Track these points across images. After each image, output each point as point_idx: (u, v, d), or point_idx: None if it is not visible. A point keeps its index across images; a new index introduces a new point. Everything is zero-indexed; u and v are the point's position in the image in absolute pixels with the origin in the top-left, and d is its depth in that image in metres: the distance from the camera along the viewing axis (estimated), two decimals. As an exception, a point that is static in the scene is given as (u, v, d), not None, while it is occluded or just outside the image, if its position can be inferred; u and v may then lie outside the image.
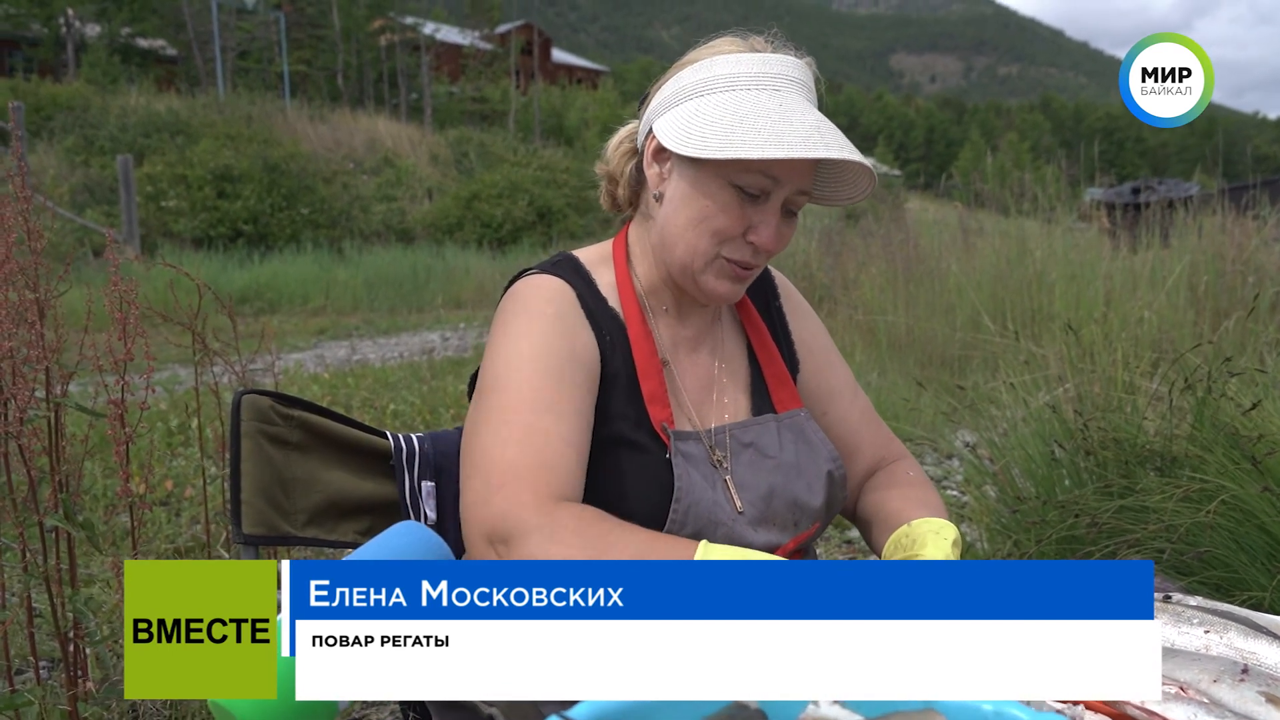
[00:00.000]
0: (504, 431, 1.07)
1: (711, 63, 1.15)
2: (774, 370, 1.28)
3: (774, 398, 1.27)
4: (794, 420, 1.25)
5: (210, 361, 2.19)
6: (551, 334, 1.13)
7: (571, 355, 1.12)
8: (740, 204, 1.12)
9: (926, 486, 1.27)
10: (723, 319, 1.30)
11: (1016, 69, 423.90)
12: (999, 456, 2.82)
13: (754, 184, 1.10)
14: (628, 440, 1.15)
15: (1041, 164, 12.63)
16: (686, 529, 1.11)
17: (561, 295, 1.17)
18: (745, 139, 1.06)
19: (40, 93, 20.34)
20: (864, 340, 6.43)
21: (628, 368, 1.18)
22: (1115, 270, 5.13)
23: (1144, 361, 3.23)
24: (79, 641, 1.85)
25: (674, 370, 1.23)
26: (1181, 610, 1.05)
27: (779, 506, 1.18)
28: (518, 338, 1.13)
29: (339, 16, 38.92)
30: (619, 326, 1.20)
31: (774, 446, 1.22)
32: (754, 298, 1.34)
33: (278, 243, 16.78)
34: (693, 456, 1.16)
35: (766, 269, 1.37)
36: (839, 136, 1.08)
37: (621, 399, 1.17)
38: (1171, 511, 2.03)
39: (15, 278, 1.69)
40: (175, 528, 3.52)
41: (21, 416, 1.67)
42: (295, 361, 7.66)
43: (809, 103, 1.13)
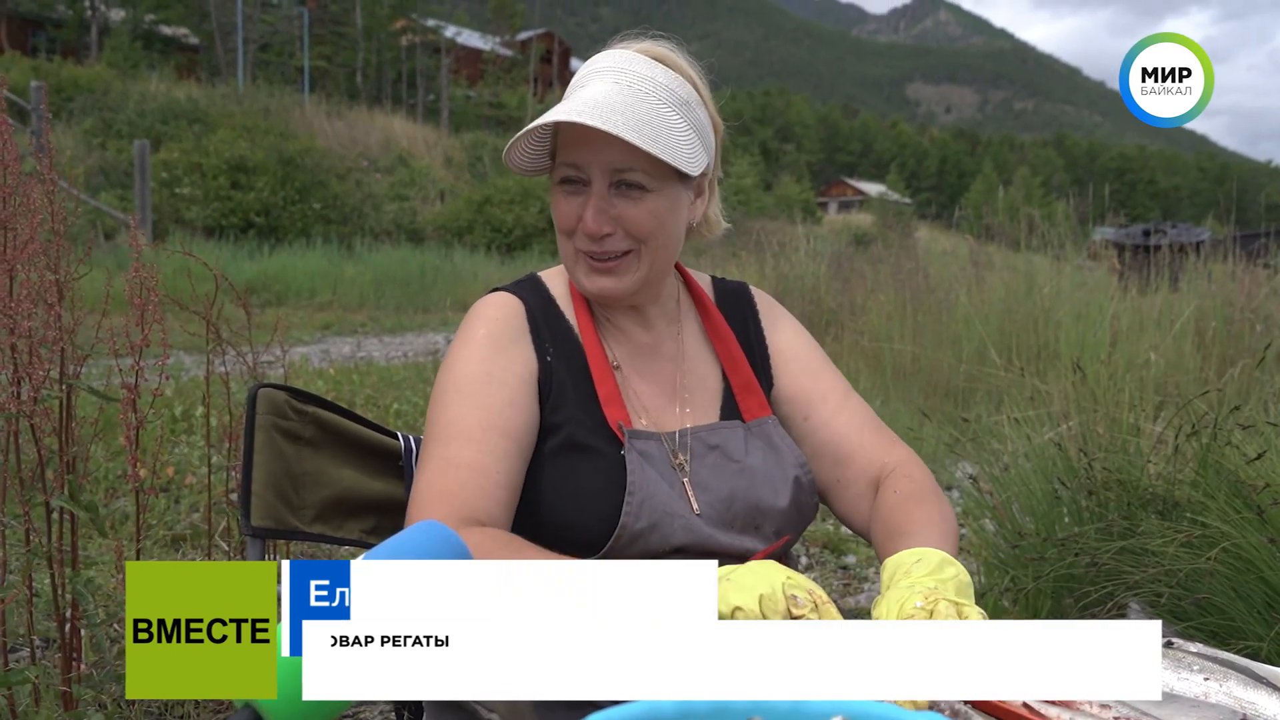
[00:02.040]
0: (425, 464, 1.14)
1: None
2: (741, 380, 1.29)
3: (741, 406, 1.27)
4: (761, 428, 1.26)
5: (222, 351, 2.20)
6: (474, 359, 1.18)
7: (490, 378, 1.17)
8: (567, 197, 1.18)
9: (922, 499, 1.19)
10: (687, 331, 1.32)
11: (1032, 104, 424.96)
12: (1000, 490, 2.82)
13: (564, 174, 1.17)
14: (580, 445, 1.17)
15: (1053, 200, 12.67)
16: (641, 522, 1.12)
17: (500, 314, 1.22)
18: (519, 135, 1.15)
19: (62, 74, 20.44)
20: (869, 367, 6.43)
21: (579, 375, 1.21)
22: (1123, 311, 5.13)
23: (1148, 404, 3.24)
24: (76, 622, 1.85)
25: (630, 375, 1.25)
26: (1182, 656, 1.05)
27: (739, 510, 1.19)
28: (450, 364, 1.20)
29: (362, 15, 39.12)
30: (571, 337, 1.24)
31: (739, 451, 1.22)
32: (731, 314, 1.35)
33: (288, 236, 16.82)
34: (650, 455, 1.17)
35: (747, 287, 1.40)
36: (593, 106, 1.11)
37: (572, 405, 1.19)
38: (1172, 556, 2.03)
39: (37, 258, 1.71)
40: (174, 515, 3.52)
41: (35, 396, 1.68)
42: (301, 355, 7.67)
43: (611, 84, 1.16)
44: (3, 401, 1.67)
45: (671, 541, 1.14)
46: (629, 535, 1.12)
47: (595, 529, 1.13)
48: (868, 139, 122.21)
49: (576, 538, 1.14)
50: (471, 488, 1.10)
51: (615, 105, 1.12)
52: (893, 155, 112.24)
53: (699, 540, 1.15)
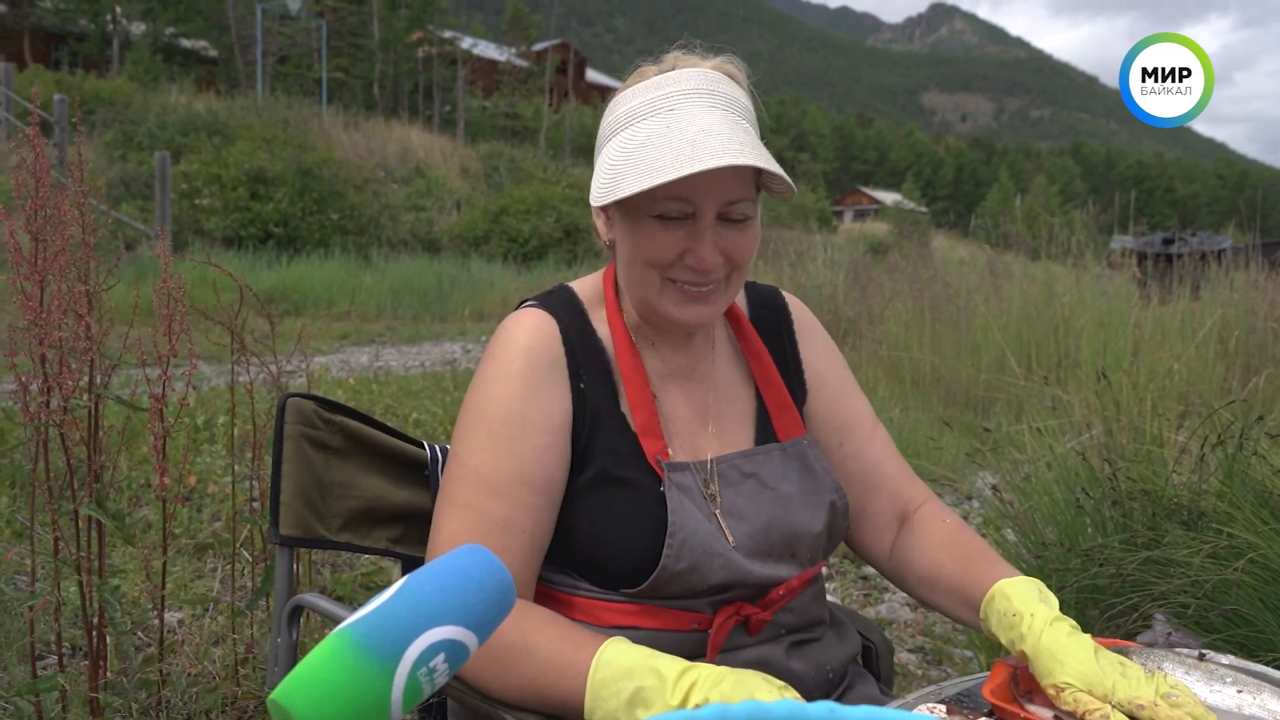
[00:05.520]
0: (449, 509, 1.11)
1: (614, 102, 1.16)
2: (775, 397, 1.26)
3: (775, 424, 1.25)
4: (797, 448, 1.23)
5: (246, 361, 2.21)
6: (508, 398, 1.13)
7: (525, 422, 1.12)
8: (667, 231, 1.10)
9: (971, 533, 1.24)
10: (719, 348, 1.28)
11: (1049, 112, 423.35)
12: (1022, 500, 2.81)
13: (671, 209, 1.09)
14: (617, 478, 1.13)
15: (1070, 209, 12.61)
16: (681, 563, 1.09)
17: (537, 344, 1.16)
18: (625, 176, 1.07)
19: (84, 87, 20.65)
20: (887, 376, 6.41)
21: (611, 399, 1.17)
22: (1144, 320, 5.10)
23: (1171, 414, 3.21)
24: (103, 630, 1.87)
25: (663, 400, 1.21)
26: (1214, 669, 1.05)
27: (776, 538, 1.17)
28: (483, 397, 1.15)
29: (379, 27, 39.40)
30: (605, 361, 1.20)
31: (776, 477, 1.20)
32: (764, 323, 1.33)
33: (306, 246, 16.93)
34: (687, 488, 1.14)
35: (780, 295, 1.37)
36: (720, 141, 1.04)
37: (609, 435, 1.15)
38: (1198, 567, 2.01)
39: (67, 269, 1.72)
40: (197, 524, 3.54)
41: (65, 406, 1.69)
42: (320, 365, 7.71)
43: (708, 108, 1.10)
44: (34, 411, 1.69)
45: (710, 580, 1.11)
46: (669, 575, 1.09)
47: (632, 567, 1.10)
48: (883, 148, 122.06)
49: (613, 571, 1.12)
50: (495, 545, 1.07)
51: (734, 135, 1.06)
52: (908, 164, 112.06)
53: (737, 576, 1.13)
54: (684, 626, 1.12)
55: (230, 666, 2.28)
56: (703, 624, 1.12)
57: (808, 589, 1.22)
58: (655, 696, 0.93)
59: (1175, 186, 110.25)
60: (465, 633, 0.64)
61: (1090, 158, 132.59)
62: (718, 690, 0.91)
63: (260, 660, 2.28)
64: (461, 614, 0.64)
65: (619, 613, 1.12)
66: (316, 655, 0.60)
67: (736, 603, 1.14)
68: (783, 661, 1.16)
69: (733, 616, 1.13)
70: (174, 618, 2.78)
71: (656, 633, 1.11)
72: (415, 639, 0.61)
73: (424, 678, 0.62)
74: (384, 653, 0.60)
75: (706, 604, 1.13)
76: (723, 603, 1.13)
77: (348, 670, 0.60)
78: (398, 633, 0.61)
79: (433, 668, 0.62)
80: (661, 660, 0.95)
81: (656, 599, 1.11)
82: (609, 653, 0.98)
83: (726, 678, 0.92)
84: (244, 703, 2.18)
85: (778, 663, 1.15)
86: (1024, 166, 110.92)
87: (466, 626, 0.64)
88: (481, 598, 0.65)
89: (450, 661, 0.63)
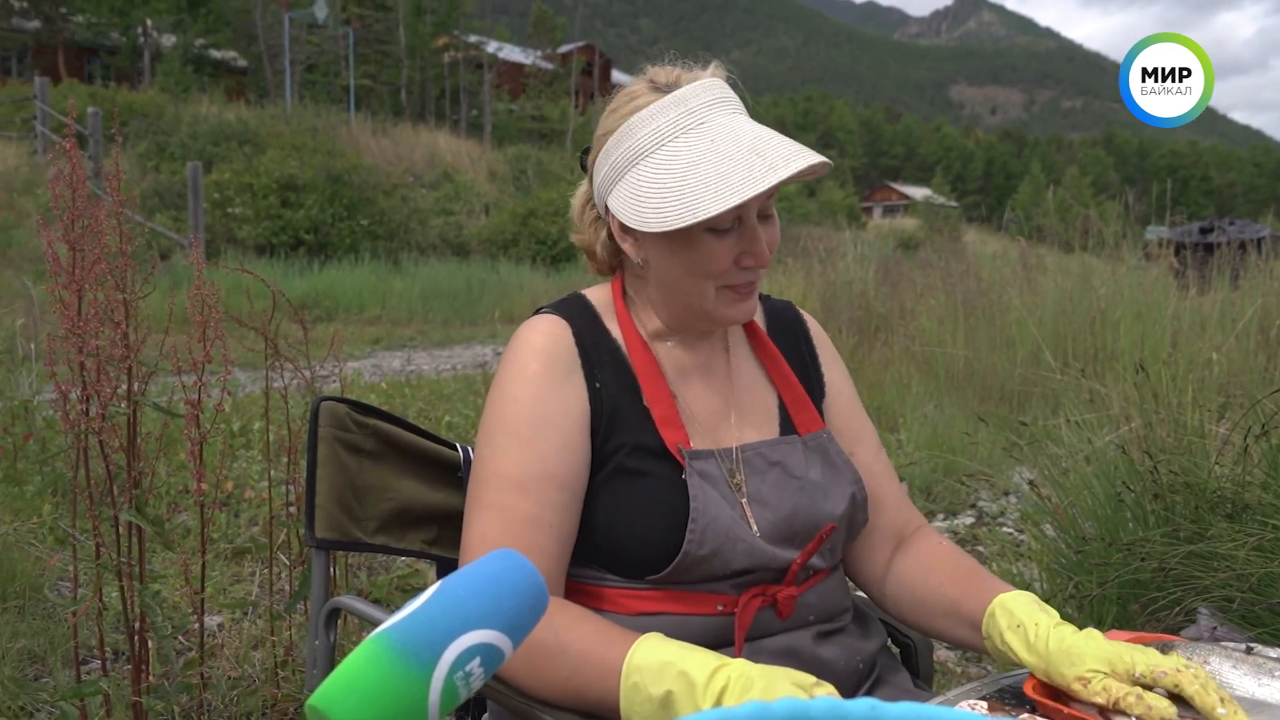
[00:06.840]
0: (477, 512, 1.13)
1: (629, 127, 1.15)
2: (793, 395, 1.28)
3: (795, 420, 1.27)
4: (818, 441, 1.25)
5: (280, 367, 2.23)
6: (526, 399, 1.15)
7: (545, 420, 1.14)
8: (721, 241, 1.13)
9: (967, 556, 1.26)
10: (736, 349, 1.31)
11: (1080, 103, 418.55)
12: (1060, 495, 2.77)
13: (724, 221, 1.12)
14: (639, 470, 1.15)
15: (1104, 200, 12.47)
16: (704, 548, 1.11)
17: (551, 345, 1.18)
18: (697, 196, 1.07)
19: (117, 99, 20.97)
20: (920, 372, 6.35)
21: (629, 395, 1.19)
22: (1182, 310, 5.02)
23: (1212, 405, 3.16)
24: (145, 634, 1.89)
25: (685, 396, 1.23)
26: (1263, 662, 1.03)
27: (800, 526, 1.18)
28: (502, 401, 1.17)
29: (405, 33, 39.71)
30: (619, 356, 1.22)
31: (800, 467, 1.21)
32: (781, 334, 1.35)
33: (337, 252, 17.07)
34: (710, 475, 1.16)
35: (796, 309, 1.40)
36: (776, 145, 1.09)
37: (628, 430, 1.17)
38: (1243, 560, 1.98)
39: (105, 279, 1.75)
40: (234, 528, 3.58)
41: (103, 413, 1.72)
42: (353, 370, 7.77)
43: (735, 113, 1.14)
44: (74, 419, 1.71)
45: (733, 566, 1.12)
46: (691, 560, 1.11)
47: (655, 553, 1.12)
48: (911, 143, 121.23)
49: (635, 560, 1.13)
50: (525, 543, 1.09)
51: (782, 137, 1.11)
52: (937, 158, 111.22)
53: (760, 562, 1.14)
54: (709, 610, 1.13)
55: (270, 669, 2.30)
56: (728, 606, 1.13)
57: (830, 577, 1.24)
58: (685, 701, 0.93)
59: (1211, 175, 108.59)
60: (500, 636, 0.65)
61: (1123, 148, 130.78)
62: (748, 696, 0.91)
63: (299, 662, 2.30)
64: (496, 618, 0.64)
65: (645, 600, 1.14)
66: (353, 660, 0.61)
67: (760, 584, 1.15)
68: (811, 650, 1.16)
69: (758, 596, 1.14)
70: (214, 622, 2.82)
71: (683, 617, 1.13)
72: (451, 643, 0.62)
73: (460, 681, 0.62)
74: (421, 657, 0.61)
75: (730, 586, 1.14)
76: (746, 584, 1.15)
77: (385, 675, 0.60)
78: (434, 637, 0.61)
79: (469, 671, 0.63)
80: (690, 662, 0.96)
81: (680, 584, 1.13)
82: (639, 655, 0.99)
83: (756, 681, 0.92)
84: (284, 705, 2.20)
85: (806, 651, 1.16)
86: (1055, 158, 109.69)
87: (501, 630, 0.65)
88: (515, 602, 0.66)
89: (486, 665, 0.64)
